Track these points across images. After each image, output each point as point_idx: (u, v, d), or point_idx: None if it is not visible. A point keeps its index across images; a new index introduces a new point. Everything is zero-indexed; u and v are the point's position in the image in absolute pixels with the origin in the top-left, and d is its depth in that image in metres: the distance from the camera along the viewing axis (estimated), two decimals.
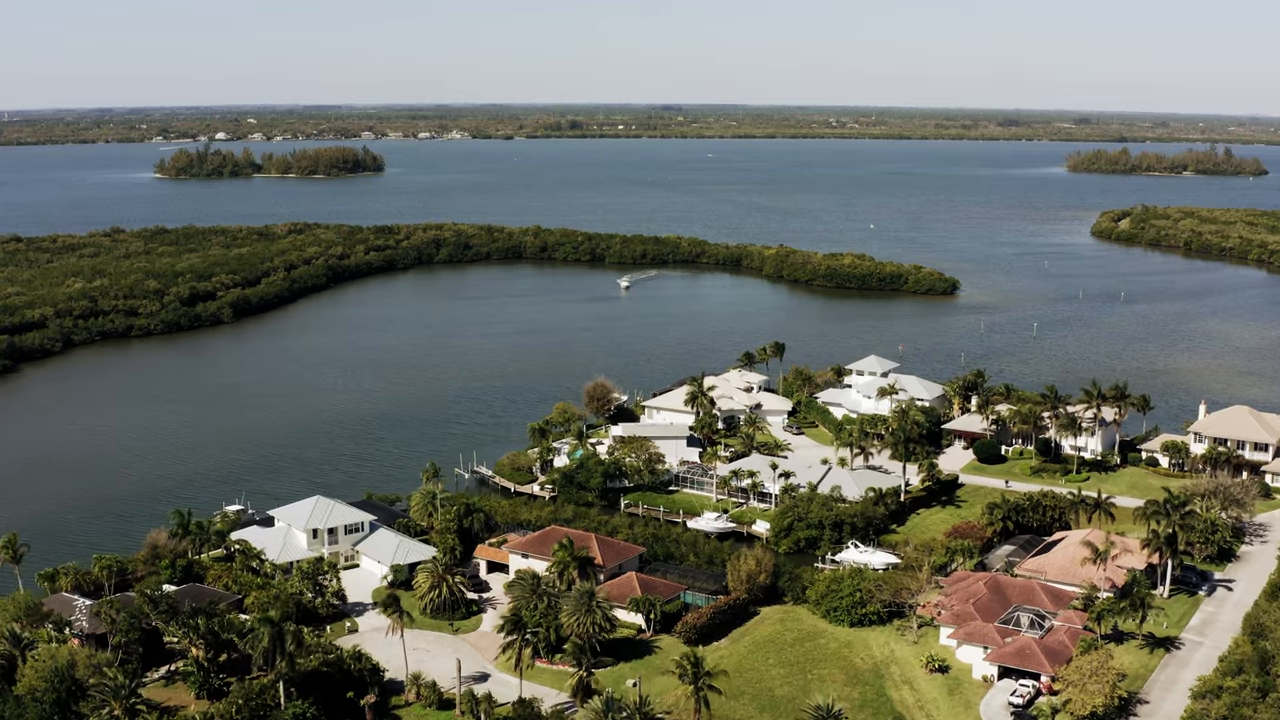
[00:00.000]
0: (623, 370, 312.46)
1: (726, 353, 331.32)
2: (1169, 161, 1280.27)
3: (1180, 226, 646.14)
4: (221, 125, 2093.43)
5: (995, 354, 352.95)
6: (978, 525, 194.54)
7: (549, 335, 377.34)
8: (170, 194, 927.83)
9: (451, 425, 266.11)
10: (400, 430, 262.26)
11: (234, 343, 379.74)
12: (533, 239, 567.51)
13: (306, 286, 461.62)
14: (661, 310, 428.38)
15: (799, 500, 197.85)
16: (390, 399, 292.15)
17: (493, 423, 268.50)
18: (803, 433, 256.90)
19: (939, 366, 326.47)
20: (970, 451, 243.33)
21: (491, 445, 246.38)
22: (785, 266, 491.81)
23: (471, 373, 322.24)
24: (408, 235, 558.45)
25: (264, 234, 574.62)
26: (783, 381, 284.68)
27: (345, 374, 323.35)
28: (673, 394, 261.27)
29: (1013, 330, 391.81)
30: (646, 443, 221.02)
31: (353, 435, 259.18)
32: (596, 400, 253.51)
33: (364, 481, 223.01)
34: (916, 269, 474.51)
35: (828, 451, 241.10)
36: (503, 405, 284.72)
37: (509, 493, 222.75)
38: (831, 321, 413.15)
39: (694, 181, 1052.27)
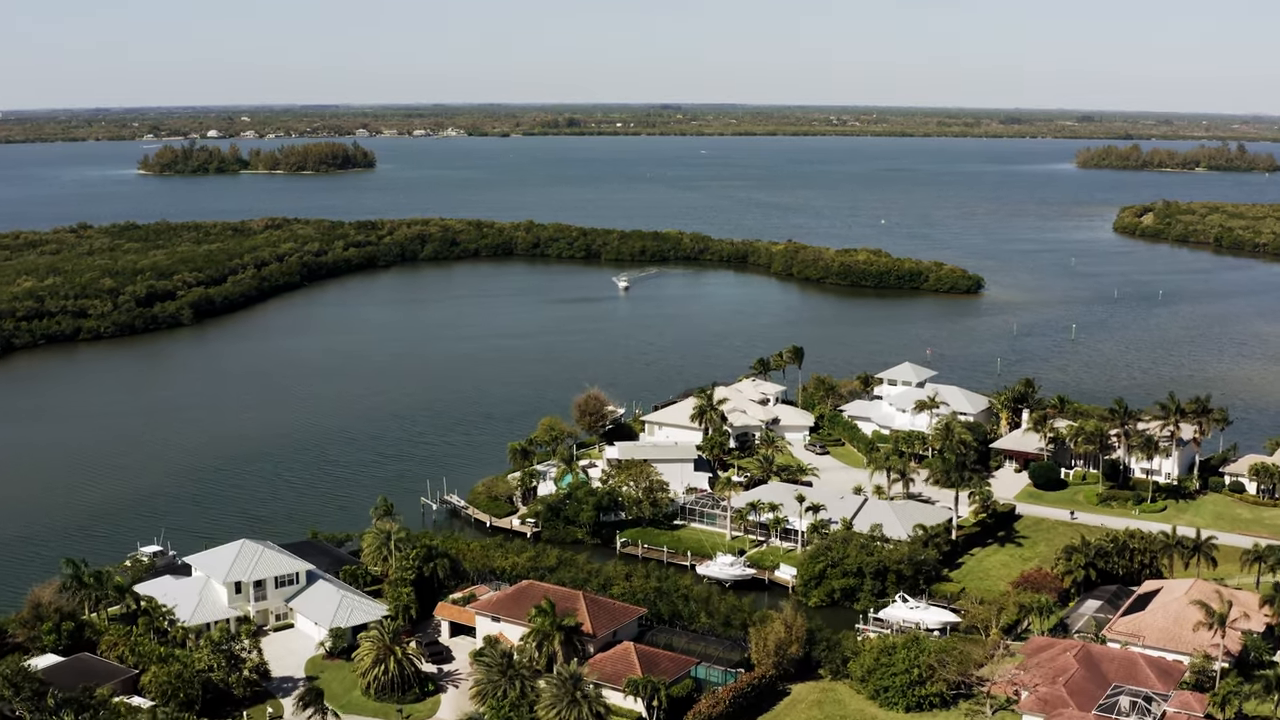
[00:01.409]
0: (620, 379, 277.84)
1: (736, 359, 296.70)
2: (1181, 157, 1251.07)
3: (1208, 222, 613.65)
4: (215, 124, 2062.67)
5: (1030, 359, 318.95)
6: (1050, 573, 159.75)
7: (537, 339, 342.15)
8: (151, 190, 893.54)
9: (420, 445, 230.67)
10: (359, 451, 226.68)
11: (191, 347, 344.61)
12: (524, 234, 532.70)
13: (278, 285, 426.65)
14: (662, 311, 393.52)
15: (832, 541, 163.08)
16: (350, 413, 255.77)
17: (467, 442, 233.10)
18: (827, 452, 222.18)
19: (971, 373, 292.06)
20: (1024, 475, 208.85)
21: (466, 469, 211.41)
22: (795, 263, 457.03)
23: (447, 382, 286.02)
24: (390, 231, 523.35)
25: (239, 230, 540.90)
26: (801, 392, 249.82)
27: (303, 383, 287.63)
28: (677, 407, 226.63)
29: (1046, 332, 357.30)
30: (647, 468, 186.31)
31: (303, 457, 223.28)
32: (589, 415, 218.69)
33: (311, 515, 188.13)
34: (937, 266, 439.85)
35: (858, 475, 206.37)
36: (480, 421, 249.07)
37: (484, 527, 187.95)
38: (848, 323, 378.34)
39: (692, 178, 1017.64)
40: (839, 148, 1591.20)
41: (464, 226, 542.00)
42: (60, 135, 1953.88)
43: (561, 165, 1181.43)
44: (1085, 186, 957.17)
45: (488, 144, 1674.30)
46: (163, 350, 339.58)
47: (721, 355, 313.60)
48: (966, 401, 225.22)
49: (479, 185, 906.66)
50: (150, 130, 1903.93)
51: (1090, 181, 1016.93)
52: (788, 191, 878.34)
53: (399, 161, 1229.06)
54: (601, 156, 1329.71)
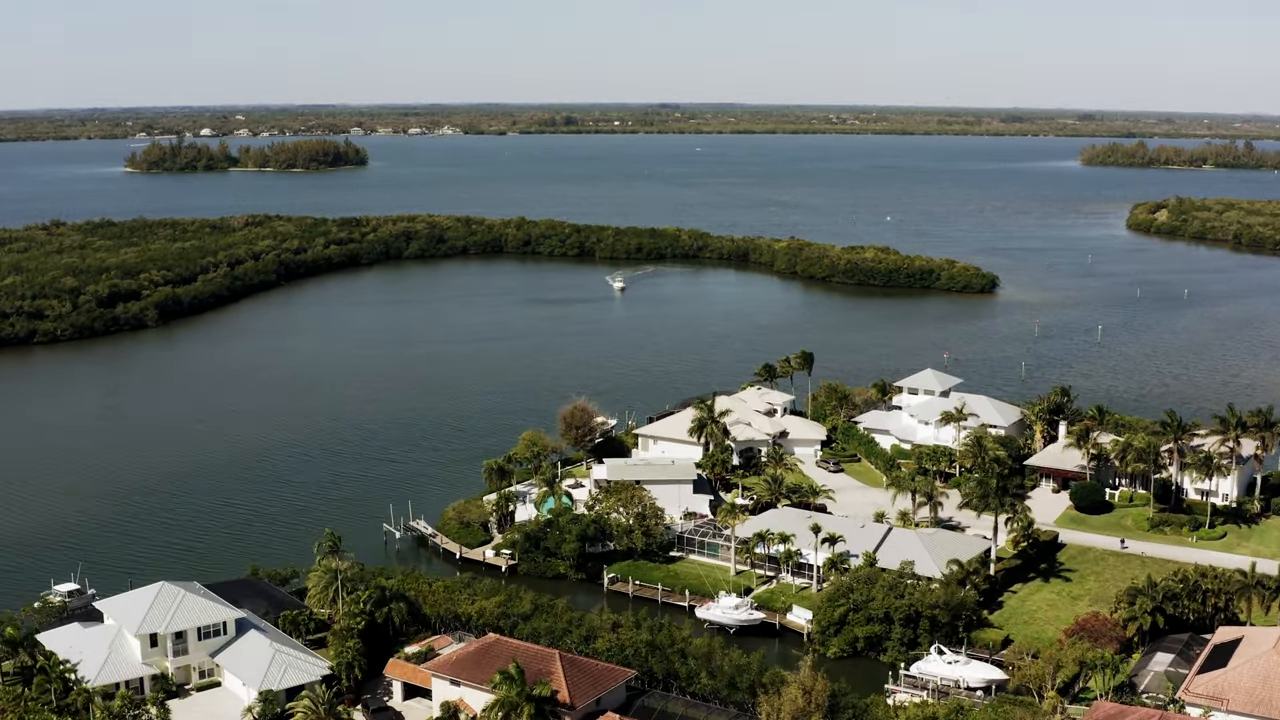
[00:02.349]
0: (612, 388, 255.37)
1: (739, 365, 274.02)
2: (1188, 154, 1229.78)
3: (1225, 219, 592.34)
4: (209, 122, 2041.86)
5: (1054, 363, 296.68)
6: (1110, 619, 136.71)
7: (524, 343, 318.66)
8: (136, 188, 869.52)
9: (385, 463, 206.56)
10: (316, 470, 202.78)
11: (152, 351, 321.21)
12: (515, 231, 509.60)
13: (252, 284, 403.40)
14: (659, 312, 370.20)
15: (854, 580, 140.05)
16: (310, 426, 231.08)
17: (439, 459, 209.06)
18: (842, 469, 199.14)
19: (991, 379, 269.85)
20: (1064, 496, 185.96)
21: (435, 490, 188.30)
22: (799, 261, 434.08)
23: (421, 391, 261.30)
24: (374, 228, 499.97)
25: (217, 227, 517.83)
26: (811, 402, 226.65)
27: (262, 391, 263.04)
28: (674, 419, 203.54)
29: (1068, 334, 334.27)
30: (639, 491, 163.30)
31: (253, 477, 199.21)
32: (575, 429, 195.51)
33: (254, 546, 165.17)
34: (949, 264, 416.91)
35: (877, 497, 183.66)
36: (454, 435, 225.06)
37: (454, 559, 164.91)
38: (856, 324, 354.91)
39: (690, 174, 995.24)
40: (838, 145, 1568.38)
41: (452, 223, 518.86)
42: (52, 134, 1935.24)
43: (557, 163, 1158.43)
44: (1092, 183, 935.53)
45: (484, 142, 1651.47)
46: (121, 354, 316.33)
47: (722, 360, 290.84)
48: (996, 413, 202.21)
49: (471, 182, 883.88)
50: (143, 129, 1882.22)
51: (1096, 179, 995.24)
52: (786, 188, 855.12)
53: (392, 159, 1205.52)
54: (597, 154, 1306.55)
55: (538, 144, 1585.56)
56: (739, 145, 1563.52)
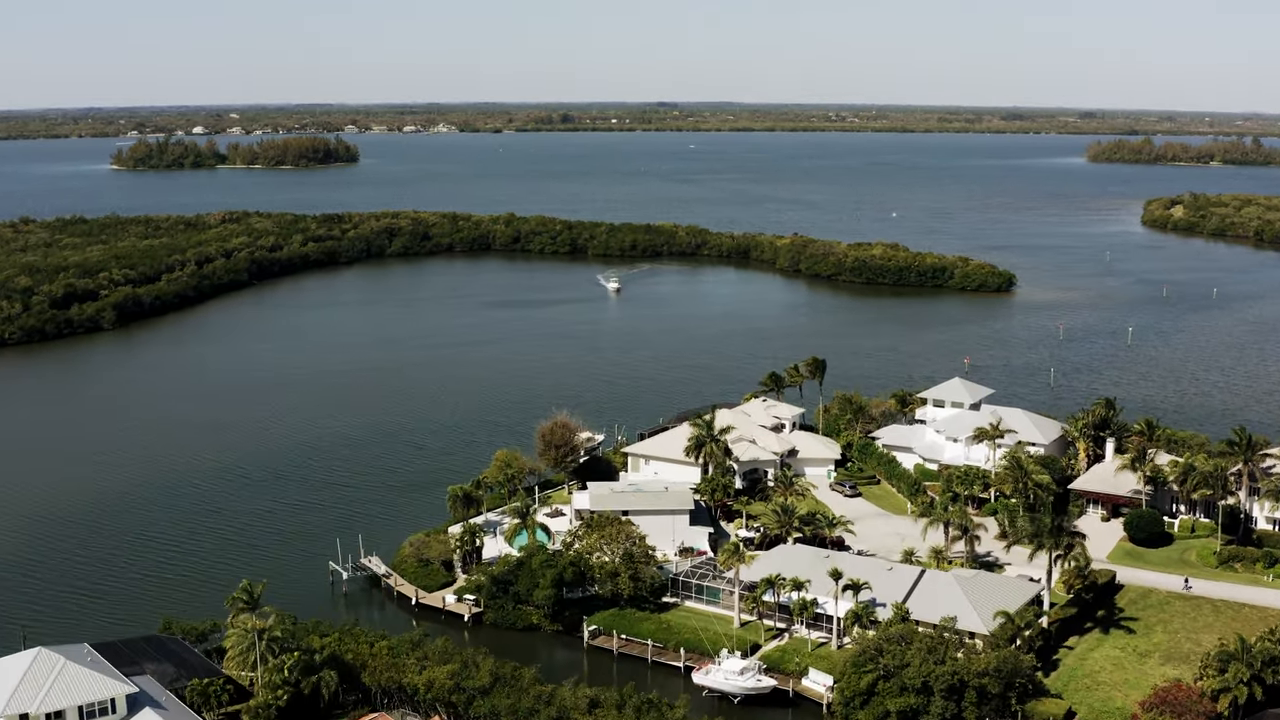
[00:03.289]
0: (600, 398, 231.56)
1: (741, 372, 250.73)
2: (1195, 151, 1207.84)
3: (1244, 215, 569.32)
4: (202, 121, 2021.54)
5: (1082, 370, 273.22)
6: (1194, 689, 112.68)
7: (506, 348, 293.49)
8: (118, 185, 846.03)
9: (336, 488, 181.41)
10: (256, 496, 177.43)
11: (105, 356, 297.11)
12: (503, 228, 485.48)
13: (221, 284, 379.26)
14: (654, 313, 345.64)
15: (883, 638, 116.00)
16: (254, 444, 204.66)
17: (398, 483, 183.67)
18: (859, 493, 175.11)
19: (1016, 387, 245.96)
20: (1115, 525, 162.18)
21: (393, 521, 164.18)
22: (803, 259, 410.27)
23: (385, 403, 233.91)
24: (356, 224, 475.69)
25: (193, 223, 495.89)
26: (823, 414, 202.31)
27: (207, 404, 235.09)
28: (669, 436, 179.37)
29: (1094, 337, 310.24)
30: (627, 526, 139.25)
31: (180, 507, 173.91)
32: (556, 448, 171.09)
33: (172, 593, 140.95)
34: (963, 261, 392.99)
35: (901, 526, 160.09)
36: (416, 455, 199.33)
37: (410, 605, 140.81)
38: (866, 326, 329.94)
39: (685, 171, 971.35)
40: (838, 143, 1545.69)
41: (437, 219, 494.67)
42: (44, 132, 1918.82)
43: (550, 160, 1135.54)
44: (1099, 180, 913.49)
45: (479, 140, 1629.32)
46: (71, 360, 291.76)
47: (723, 368, 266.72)
48: (1034, 428, 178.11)
49: (463, 179, 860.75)
50: (135, 127, 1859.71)
51: (1104, 175, 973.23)
52: (785, 185, 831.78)
53: (385, 156, 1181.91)
54: (591, 152, 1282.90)
55: (533, 141, 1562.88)
56: (737, 143, 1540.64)
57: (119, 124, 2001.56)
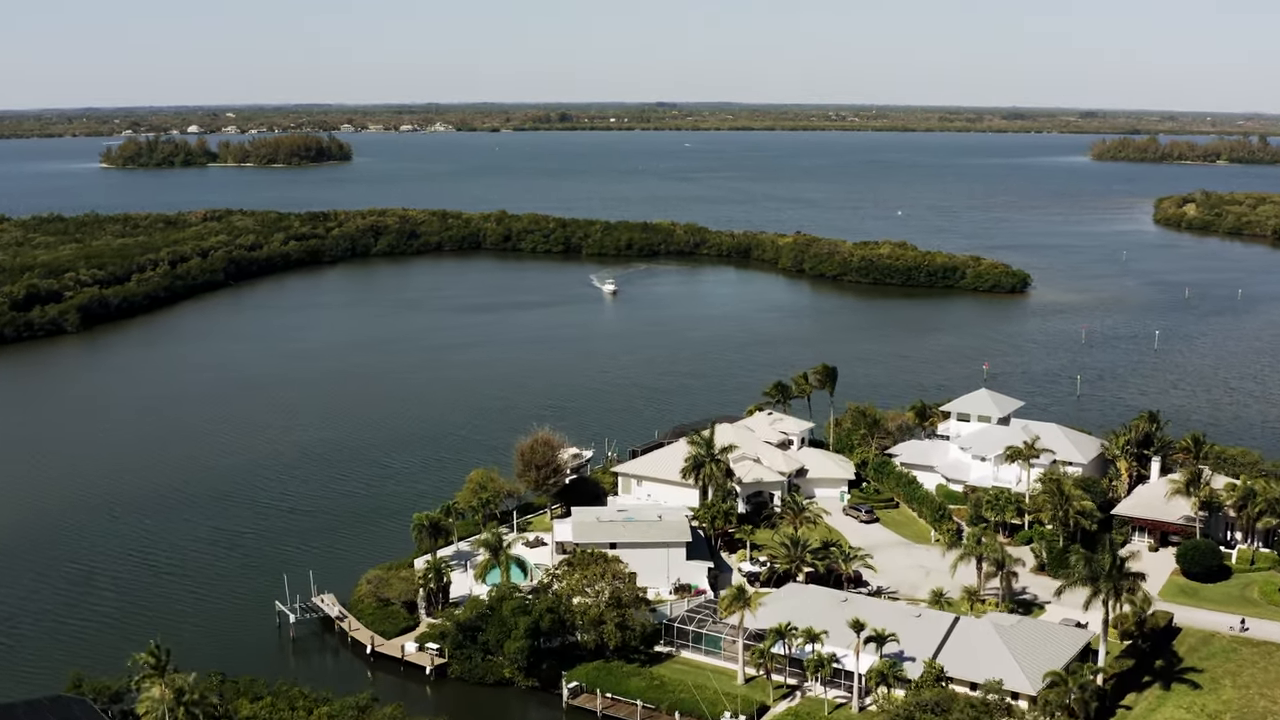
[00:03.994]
0: (589, 409, 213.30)
1: (743, 380, 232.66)
2: (1201, 150, 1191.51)
3: (1260, 213, 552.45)
4: (198, 120, 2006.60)
5: (1107, 377, 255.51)
6: None
7: (487, 353, 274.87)
8: (105, 183, 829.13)
9: (286, 515, 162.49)
10: (193, 524, 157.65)
11: (63, 361, 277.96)
12: (495, 226, 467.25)
13: (195, 284, 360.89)
14: (650, 316, 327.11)
15: (916, 707, 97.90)
16: (196, 464, 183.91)
17: (358, 508, 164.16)
18: (877, 518, 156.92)
19: (1037, 396, 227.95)
20: (1165, 555, 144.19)
21: (351, 552, 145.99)
22: (807, 258, 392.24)
23: (351, 417, 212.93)
24: (341, 222, 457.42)
25: (173, 221, 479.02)
26: (833, 429, 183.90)
27: (159, 417, 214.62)
28: (664, 455, 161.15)
29: (1116, 342, 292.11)
30: (614, 564, 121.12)
31: (109, 533, 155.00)
32: (536, 468, 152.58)
33: (86, 645, 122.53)
34: (975, 261, 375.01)
35: (924, 557, 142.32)
36: (379, 475, 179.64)
37: (365, 654, 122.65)
38: (876, 329, 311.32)
39: (682, 170, 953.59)
40: (837, 142, 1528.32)
41: (426, 217, 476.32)
42: (38, 131, 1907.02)
43: (545, 158, 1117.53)
44: (1105, 178, 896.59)
45: (476, 139, 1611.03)
46: (26, 365, 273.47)
47: (724, 376, 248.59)
48: (1071, 445, 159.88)
49: (457, 177, 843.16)
50: (129, 127, 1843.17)
51: (1109, 174, 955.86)
52: (785, 183, 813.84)
53: (379, 155, 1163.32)
54: (591, 151, 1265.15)
55: (530, 140, 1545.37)
56: (735, 141, 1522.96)
57: (114, 123, 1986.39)
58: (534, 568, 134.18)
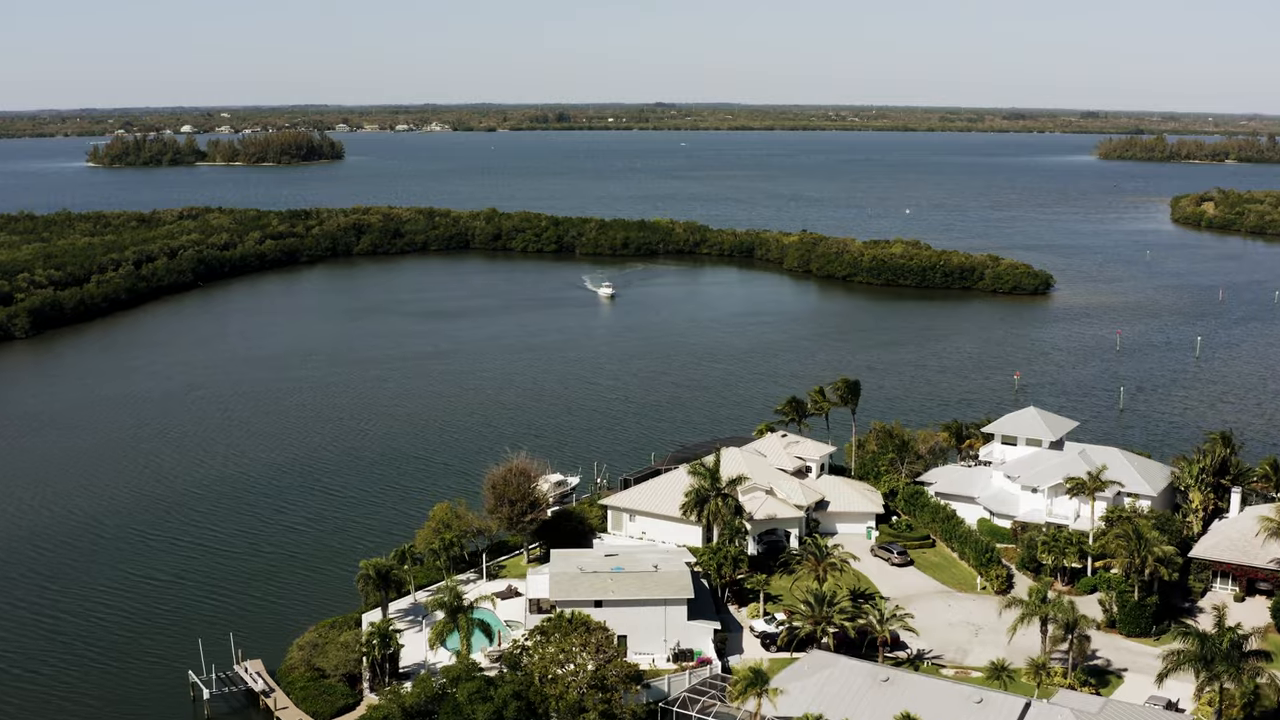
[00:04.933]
0: (577, 428, 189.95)
1: (751, 395, 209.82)
2: (1209, 149, 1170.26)
3: None
4: (192, 120, 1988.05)
5: (1146, 388, 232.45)
6: None
7: (467, 363, 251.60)
8: (89, 181, 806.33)
9: (211, 555, 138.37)
10: (99, 568, 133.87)
11: (4, 369, 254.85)
12: (484, 224, 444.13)
13: (161, 286, 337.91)
14: (649, 321, 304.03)
15: None
16: (112, 493, 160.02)
17: (295, 553, 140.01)
18: (911, 560, 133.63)
19: (1075, 410, 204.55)
20: (1255, 604, 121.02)
21: (283, 609, 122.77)
22: (814, 258, 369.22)
23: (299, 439, 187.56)
24: (321, 221, 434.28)
25: (147, 220, 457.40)
26: (855, 452, 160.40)
27: (83, 441, 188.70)
28: (662, 483, 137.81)
29: (1150, 349, 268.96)
30: (598, 631, 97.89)
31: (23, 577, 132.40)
32: (510, 502, 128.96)
33: None
34: (994, 260, 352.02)
35: (972, 608, 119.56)
36: (327, 508, 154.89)
37: None
38: (891, 335, 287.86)
39: (680, 168, 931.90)
40: (839, 141, 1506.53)
41: (411, 215, 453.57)
42: (30, 131, 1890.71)
43: (542, 157, 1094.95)
44: (1114, 177, 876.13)
45: (472, 138, 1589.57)
46: None
47: (729, 389, 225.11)
48: (1137, 474, 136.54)
49: (449, 176, 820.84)
50: (121, 126, 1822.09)
51: (1118, 173, 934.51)
52: (784, 182, 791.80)
53: (373, 154, 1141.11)
54: (588, 149, 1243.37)
55: (526, 140, 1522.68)
56: (734, 141, 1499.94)
57: (107, 123, 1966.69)
58: (503, 629, 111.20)
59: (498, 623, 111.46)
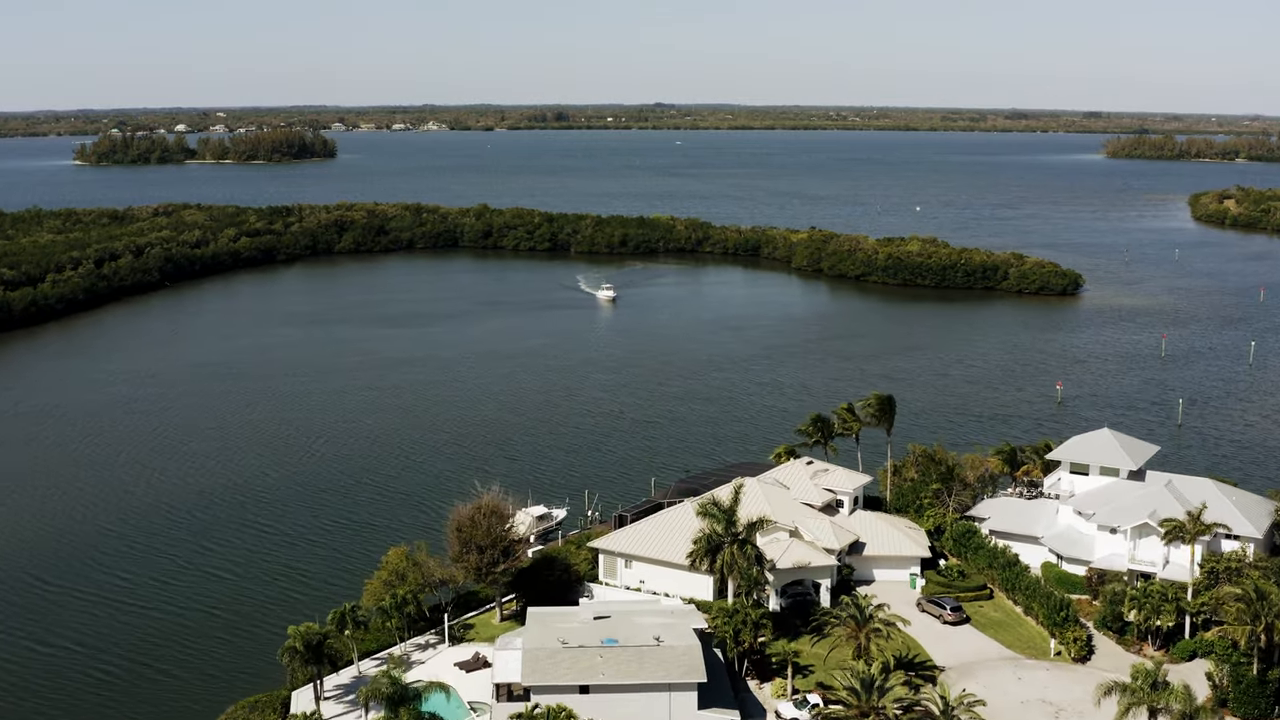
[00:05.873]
0: (567, 455, 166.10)
1: (762, 408, 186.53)
2: (1219, 148, 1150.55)
3: None
4: (187, 119, 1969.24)
5: (1199, 401, 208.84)
6: None
7: (442, 374, 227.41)
8: (73, 179, 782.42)
9: (105, 613, 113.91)
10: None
11: None
12: (474, 221, 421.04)
13: (124, 286, 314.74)
14: (647, 326, 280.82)
15: None
16: (11, 536, 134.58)
17: (219, 601, 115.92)
18: (966, 617, 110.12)
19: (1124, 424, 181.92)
20: None
21: (194, 684, 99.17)
22: (825, 256, 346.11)
23: (231, 465, 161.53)
24: (302, 217, 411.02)
25: (119, 217, 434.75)
26: (890, 478, 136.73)
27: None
28: (665, 522, 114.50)
29: (1196, 356, 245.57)
30: None
31: None
32: (478, 549, 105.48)
33: None
34: (1018, 259, 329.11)
35: (1046, 681, 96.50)
36: (256, 551, 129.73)
37: None
38: (912, 339, 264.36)
39: (677, 166, 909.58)
40: (840, 140, 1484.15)
41: (397, 211, 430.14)
42: (23, 130, 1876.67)
43: (537, 155, 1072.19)
44: (1124, 175, 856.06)
45: (469, 137, 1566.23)
46: None
47: (737, 403, 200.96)
48: (1237, 511, 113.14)
49: (441, 173, 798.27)
50: (115, 125, 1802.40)
51: (1127, 171, 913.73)
52: (785, 179, 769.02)
53: (367, 153, 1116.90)
54: (585, 148, 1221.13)
55: (524, 139, 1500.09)
56: (733, 139, 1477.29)
57: (102, 123, 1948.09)
58: (467, 717, 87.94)
59: (458, 710, 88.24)
